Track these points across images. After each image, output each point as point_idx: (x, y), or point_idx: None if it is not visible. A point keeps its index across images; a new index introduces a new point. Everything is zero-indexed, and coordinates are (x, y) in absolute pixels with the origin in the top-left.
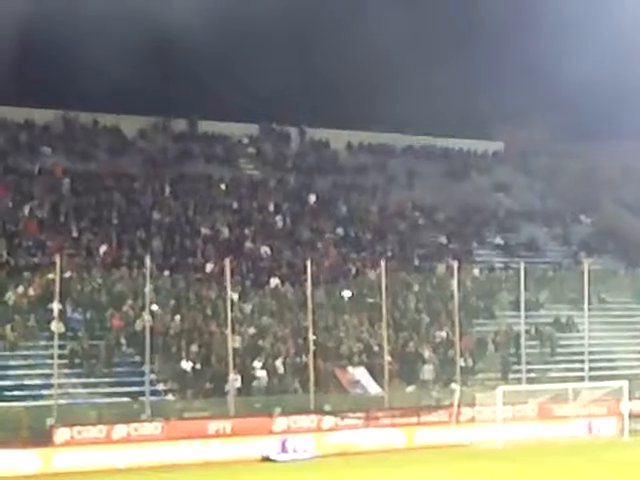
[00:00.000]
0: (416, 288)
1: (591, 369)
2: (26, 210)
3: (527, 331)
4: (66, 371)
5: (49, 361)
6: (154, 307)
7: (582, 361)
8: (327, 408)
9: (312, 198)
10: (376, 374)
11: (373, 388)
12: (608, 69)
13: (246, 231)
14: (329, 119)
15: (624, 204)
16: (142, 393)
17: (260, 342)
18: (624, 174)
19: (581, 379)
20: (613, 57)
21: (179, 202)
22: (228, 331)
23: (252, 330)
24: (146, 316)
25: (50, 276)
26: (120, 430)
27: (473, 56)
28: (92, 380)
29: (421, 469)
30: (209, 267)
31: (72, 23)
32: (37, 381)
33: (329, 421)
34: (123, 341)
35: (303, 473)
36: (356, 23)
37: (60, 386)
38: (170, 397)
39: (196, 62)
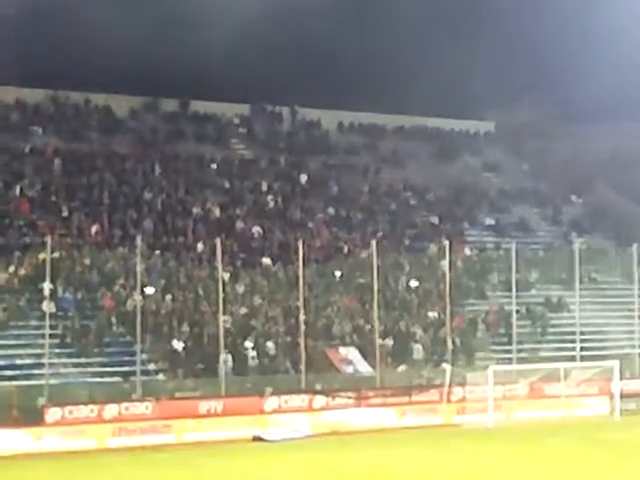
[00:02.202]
0: (407, 268)
1: (582, 349)
2: (17, 190)
3: (518, 311)
4: (57, 351)
5: (40, 341)
6: (150, 290)
7: (573, 341)
8: (318, 388)
9: (303, 178)
10: (367, 354)
11: (364, 367)
12: (600, 51)
13: (237, 211)
14: (320, 99)
15: (614, 184)
16: (133, 373)
17: (251, 322)
18: (614, 155)
19: (572, 359)
20: (605, 39)
21: (170, 182)
22: (219, 311)
23: (243, 310)
24: (137, 296)
25: (41, 256)
26: (111, 409)
27: (465, 37)
28: (83, 360)
29: (412, 449)
30: (200, 247)
31: (64, 4)
32: (28, 361)
33: (320, 400)
34: (114, 321)
35: (294, 452)
36: (347, 5)
37: (51, 366)
38: (161, 377)
39: (188, 42)
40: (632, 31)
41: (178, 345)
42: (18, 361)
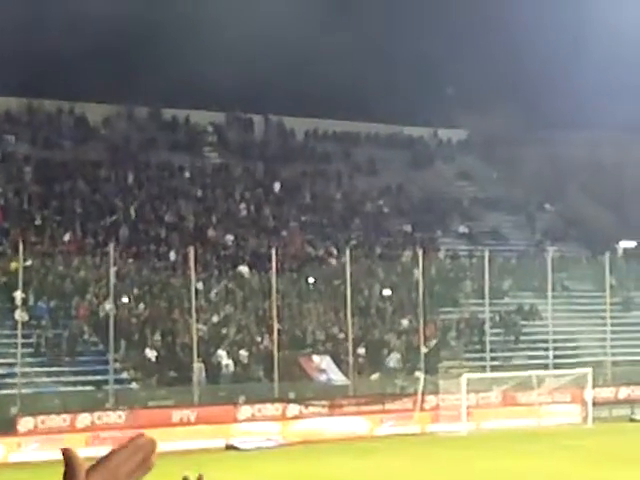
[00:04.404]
0: (381, 276)
1: (555, 356)
2: None
3: (491, 319)
4: (30, 360)
5: (13, 350)
6: (124, 299)
7: (546, 348)
8: (291, 396)
9: (277, 186)
10: (340, 362)
11: (337, 376)
12: (573, 59)
13: (210, 219)
14: (294, 107)
15: (588, 192)
16: (106, 382)
17: (224, 330)
18: (588, 163)
19: (545, 366)
20: (578, 47)
21: (143, 190)
22: (192, 319)
23: (216, 318)
24: (108, 305)
25: (13, 265)
26: (84, 419)
27: (438, 45)
28: (56, 369)
29: (385, 457)
30: (173, 255)
31: (36, 12)
32: (0, 370)
33: (294, 409)
34: (87, 329)
35: (267, 461)
36: (322, 14)
37: (24, 375)
38: (134, 385)
39: (160, 50)
40: (604, 39)
41: (151, 354)
42: None
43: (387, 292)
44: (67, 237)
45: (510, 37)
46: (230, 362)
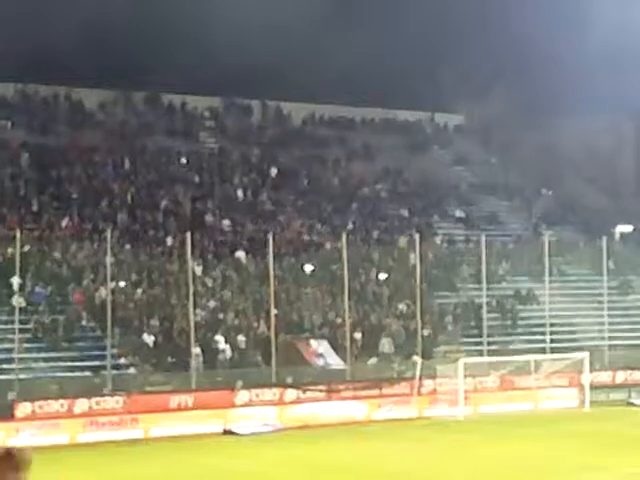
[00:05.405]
0: (377, 261)
1: (552, 341)
2: None
3: (488, 303)
4: (28, 345)
5: (10, 336)
6: (121, 284)
7: (543, 333)
8: (289, 381)
9: (273, 171)
10: (338, 347)
11: (335, 360)
12: (571, 43)
13: (207, 204)
14: (290, 92)
15: (585, 177)
16: (104, 367)
17: (222, 315)
18: (585, 148)
19: (542, 351)
20: (576, 31)
21: (140, 175)
22: (190, 305)
23: (214, 303)
24: (105, 291)
25: (10, 250)
26: (82, 404)
27: (434, 29)
28: (54, 354)
29: (382, 442)
30: (170, 241)
31: None
32: None
33: (291, 394)
34: (84, 315)
35: (265, 446)
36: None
37: (21, 360)
38: (132, 371)
39: (157, 35)
40: (602, 26)
41: (149, 339)
42: None
43: (384, 276)
44: (64, 223)
45: (508, 22)
46: (227, 347)
